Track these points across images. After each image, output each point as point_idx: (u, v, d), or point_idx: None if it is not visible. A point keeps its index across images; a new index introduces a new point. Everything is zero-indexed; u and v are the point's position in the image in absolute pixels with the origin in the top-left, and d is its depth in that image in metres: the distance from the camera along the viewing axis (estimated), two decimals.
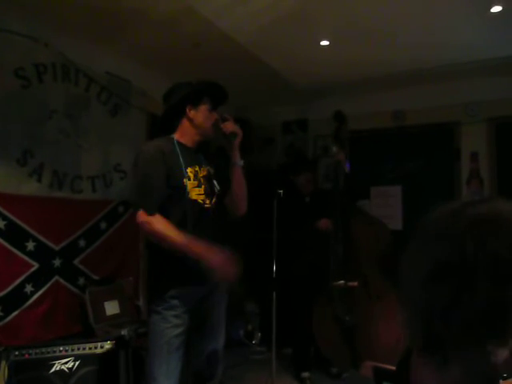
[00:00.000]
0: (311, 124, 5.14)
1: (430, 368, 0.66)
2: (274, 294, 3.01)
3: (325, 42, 3.52)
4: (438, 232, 0.65)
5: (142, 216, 1.98)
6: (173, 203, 2.06)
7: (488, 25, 3.19)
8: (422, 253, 0.65)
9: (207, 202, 2.14)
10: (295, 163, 3.83)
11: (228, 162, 2.22)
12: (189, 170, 2.10)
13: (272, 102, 5.03)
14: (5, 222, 2.83)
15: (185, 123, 2.18)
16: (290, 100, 4.99)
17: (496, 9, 2.95)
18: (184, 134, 2.18)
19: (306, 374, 3.52)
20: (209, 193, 2.16)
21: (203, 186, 2.13)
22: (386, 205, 4.61)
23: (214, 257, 1.93)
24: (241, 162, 2.21)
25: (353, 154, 3.42)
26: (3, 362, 2.29)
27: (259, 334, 4.54)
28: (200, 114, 2.16)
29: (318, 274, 3.38)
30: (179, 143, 2.16)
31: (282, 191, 3.07)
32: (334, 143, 3.43)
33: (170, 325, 1.99)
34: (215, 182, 2.21)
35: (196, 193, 2.10)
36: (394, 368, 1.09)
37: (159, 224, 1.97)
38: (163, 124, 2.24)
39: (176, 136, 2.18)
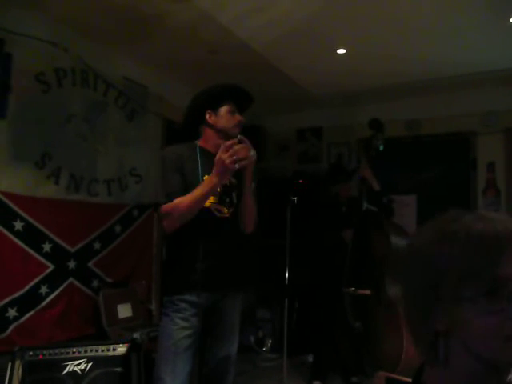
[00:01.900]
0: (325, 132, 5.14)
1: (437, 371, 0.74)
2: (286, 300, 3.01)
3: (341, 50, 3.52)
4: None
5: (161, 208, 1.99)
6: None
7: (506, 35, 3.16)
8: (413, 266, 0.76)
9: (224, 210, 2.11)
10: (334, 173, 3.81)
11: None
12: (206, 177, 2.05)
13: (287, 109, 5.04)
14: (22, 224, 2.88)
15: (207, 130, 2.16)
16: (304, 107, 5.00)
17: None
18: (207, 140, 2.16)
19: (316, 383, 3.49)
20: (226, 202, 2.13)
21: (218, 195, 2.10)
22: (401, 214, 4.57)
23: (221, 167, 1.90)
24: (252, 185, 2.13)
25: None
26: (18, 362, 2.32)
27: (270, 341, 4.52)
28: (221, 119, 2.13)
29: (336, 281, 3.37)
30: (202, 149, 2.14)
31: (295, 198, 3.06)
32: (363, 155, 3.37)
33: (177, 327, 2.01)
34: (234, 194, 2.15)
35: (209, 201, 2.07)
36: (406, 379, 1.09)
37: (167, 205, 1.98)
38: (186, 132, 2.22)
39: (200, 142, 2.17)
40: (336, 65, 3.80)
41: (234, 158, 1.87)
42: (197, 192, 1.96)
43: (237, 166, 1.88)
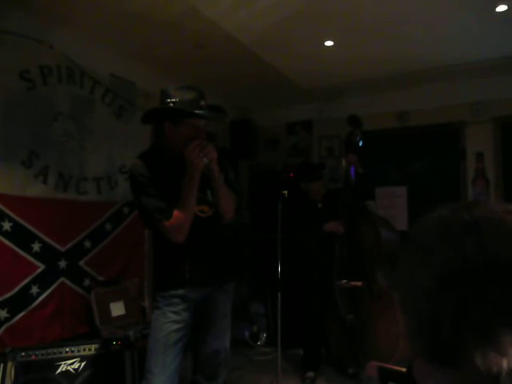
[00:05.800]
0: (315, 125, 5.14)
1: (431, 369, 0.68)
2: (279, 294, 3.01)
3: (329, 43, 3.51)
4: (434, 243, 0.65)
5: (165, 225, 2.01)
6: None
7: (493, 24, 3.17)
8: (421, 266, 0.65)
9: (205, 209, 2.15)
10: (307, 171, 3.77)
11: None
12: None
13: (276, 102, 5.03)
14: (11, 224, 2.85)
15: (168, 135, 2.10)
16: (294, 101, 4.99)
17: (501, 8, 2.93)
18: (172, 143, 2.10)
19: (310, 374, 3.50)
20: (205, 201, 2.15)
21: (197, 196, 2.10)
22: (392, 205, 4.60)
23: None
24: (222, 176, 2.13)
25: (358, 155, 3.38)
26: (10, 363, 2.30)
27: (264, 335, 4.53)
28: (178, 135, 2.06)
29: (327, 275, 3.38)
30: (169, 154, 2.12)
31: (286, 192, 3.06)
32: (345, 148, 3.39)
33: (168, 320, 2.05)
34: (209, 192, 2.17)
35: None
36: (399, 368, 1.09)
37: (170, 221, 2.01)
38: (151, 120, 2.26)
39: (166, 144, 2.13)
40: (324, 57, 3.78)
41: (201, 154, 1.97)
42: (185, 197, 2.00)
43: (205, 160, 1.98)
